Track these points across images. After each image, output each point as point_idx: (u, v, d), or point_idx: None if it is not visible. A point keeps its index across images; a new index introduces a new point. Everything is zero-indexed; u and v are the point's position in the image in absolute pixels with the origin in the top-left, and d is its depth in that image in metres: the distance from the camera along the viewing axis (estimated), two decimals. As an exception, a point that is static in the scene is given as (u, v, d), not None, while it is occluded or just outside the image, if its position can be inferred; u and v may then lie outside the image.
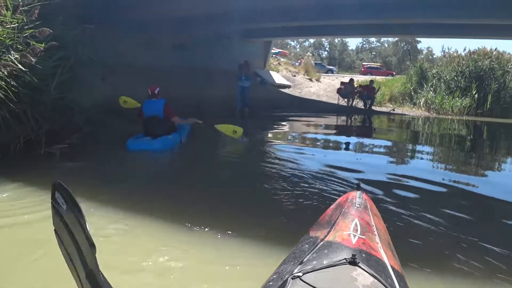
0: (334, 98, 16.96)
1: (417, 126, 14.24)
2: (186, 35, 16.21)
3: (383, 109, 17.40)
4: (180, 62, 15.81)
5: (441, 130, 13.46)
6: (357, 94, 16.10)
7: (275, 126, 11.24)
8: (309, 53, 42.05)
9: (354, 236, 1.70)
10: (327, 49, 65.07)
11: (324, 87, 19.87)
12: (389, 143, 10.22)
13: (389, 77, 26.45)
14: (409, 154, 8.88)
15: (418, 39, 57.83)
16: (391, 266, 1.61)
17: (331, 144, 9.40)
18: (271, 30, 17.27)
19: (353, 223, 1.82)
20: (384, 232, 2.02)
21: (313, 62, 24.62)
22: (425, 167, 7.17)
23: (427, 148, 9.91)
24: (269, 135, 9.86)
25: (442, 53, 22.88)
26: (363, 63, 47.01)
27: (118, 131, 7.21)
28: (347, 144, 9.23)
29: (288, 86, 18.82)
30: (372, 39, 65.41)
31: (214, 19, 14.26)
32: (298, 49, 56.79)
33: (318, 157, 7.06)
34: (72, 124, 6.74)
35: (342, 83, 16.93)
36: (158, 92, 6.79)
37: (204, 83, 14.87)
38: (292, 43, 60.60)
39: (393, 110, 16.73)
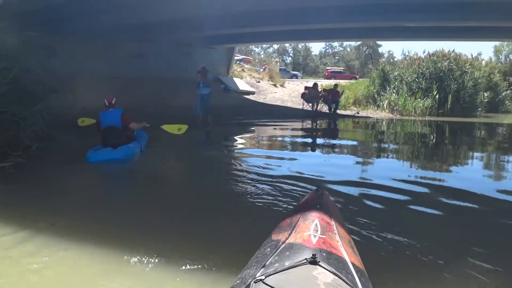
0: (299, 103, 16.87)
1: (381, 127, 14.33)
2: (146, 43, 15.80)
3: (348, 112, 17.43)
4: (140, 70, 15.39)
5: (404, 130, 13.60)
6: (322, 98, 16.03)
7: (240, 133, 11.01)
8: (276, 59, 42.04)
9: (315, 236, 1.73)
10: (291, 54, 65.74)
11: (289, 93, 19.77)
12: (353, 144, 10.39)
13: (353, 81, 26.71)
14: (373, 153, 8.97)
15: (379, 43, 59.27)
16: (352, 263, 1.65)
17: (296, 148, 9.41)
18: (234, 36, 17.01)
19: (313, 223, 1.85)
20: (344, 230, 2.07)
21: (278, 67, 24.40)
22: (388, 166, 7.29)
23: (391, 147, 10.03)
24: (234, 142, 9.64)
25: (403, 56, 23.30)
26: (327, 68, 47.45)
27: (71, 146, 6.93)
28: (313, 147, 9.42)
29: (252, 93, 18.61)
30: (335, 44, 66.68)
31: (175, 26, 13.91)
32: (262, 56, 56.92)
33: (283, 162, 7.04)
34: (19, 140, 6.30)
35: (306, 87, 16.85)
36: (115, 102, 6.81)
37: (165, 91, 14.51)
38: (256, 49, 60.92)
39: (358, 113, 16.78)
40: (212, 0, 10.47)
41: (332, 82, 22.33)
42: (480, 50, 76.28)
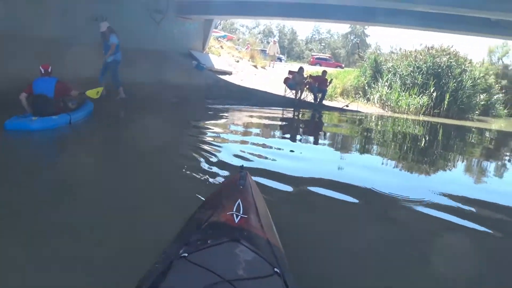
0: (280, 89, 14.75)
1: (369, 124, 12.35)
2: (109, 5, 13.36)
3: (334, 104, 15.40)
4: (96, 36, 13.00)
5: (395, 130, 11.63)
6: (307, 86, 13.96)
7: (203, 120, 8.92)
8: (274, 38, 39.39)
9: (237, 216, 1.81)
10: (276, 37, 63.40)
11: (270, 76, 17.60)
12: (336, 139, 8.92)
13: (338, 69, 24.81)
14: (352, 151, 7.91)
15: (367, 32, 58.16)
16: (271, 242, 1.73)
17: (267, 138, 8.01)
18: (214, 5, 14.72)
19: (236, 203, 1.91)
20: (265, 211, 2.15)
21: (278, 49, 23.10)
22: (363, 164, 6.33)
23: (375, 148, 8.49)
24: (191, 131, 7.76)
25: (391, 50, 21.55)
26: (312, 54, 45.73)
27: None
28: (288, 140, 8.08)
29: (229, 73, 16.36)
30: (322, 30, 64.97)
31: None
32: (247, 36, 54.61)
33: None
34: None
35: (290, 72, 14.70)
36: (51, 70, 6.65)
37: (126, 64, 12.24)
38: (241, 29, 58.65)
39: (347, 106, 14.69)
40: None
41: (317, 68, 20.25)
42: (470, 48, 75.19)
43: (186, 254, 1.46)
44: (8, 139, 5.54)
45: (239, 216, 1.78)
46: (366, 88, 17.81)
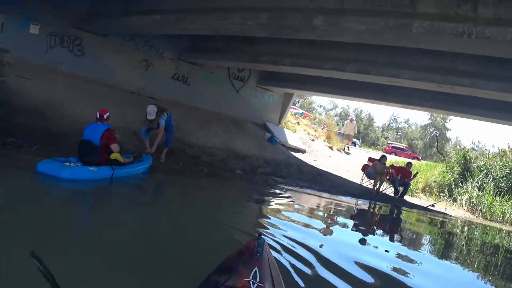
0: (357, 176, 13.37)
1: (457, 231, 10.34)
2: (188, 64, 13.26)
3: (415, 200, 13.63)
4: (178, 95, 12.83)
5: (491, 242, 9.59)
6: (388, 177, 12.49)
7: (265, 199, 7.79)
8: (352, 116, 38.28)
9: (253, 283, 1.82)
10: (354, 116, 62.47)
11: (346, 160, 16.34)
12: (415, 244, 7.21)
13: (414, 161, 23.03)
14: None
15: (448, 126, 55.57)
16: None
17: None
18: (296, 79, 14.04)
19: (253, 271, 1.91)
20: (280, 283, 2.14)
21: (355, 128, 20.58)
22: None
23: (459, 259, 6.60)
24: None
25: (472, 147, 19.46)
26: (388, 142, 44.03)
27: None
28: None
29: (303, 151, 15.37)
30: (400, 119, 63.32)
31: (233, 49, 11.25)
32: (323, 116, 54.37)
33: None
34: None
35: (370, 159, 13.38)
36: (108, 117, 6.24)
37: (199, 125, 11.76)
38: (318, 109, 58.74)
39: (432, 206, 12.82)
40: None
41: (392, 158, 18.56)
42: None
43: None
44: (33, 181, 5.18)
45: (256, 284, 1.79)
46: (453, 187, 15.86)
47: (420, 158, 33.42)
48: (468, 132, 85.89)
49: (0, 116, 7.30)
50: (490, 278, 5.70)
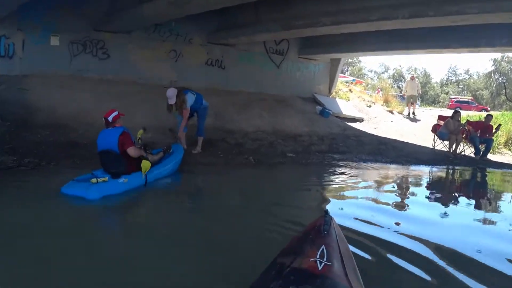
0: (426, 140, 11.72)
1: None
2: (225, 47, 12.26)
3: (501, 158, 11.70)
4: (213, 81, 11.91)
5: None
6: (464, 135, 10.75)
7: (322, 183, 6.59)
8: (413, 73, 35.29)
9: (321, 263, 1.75)
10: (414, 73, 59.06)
11: (411, 123, 14.60)
12: None
13: (483, 113, 20.63)
14: None
15: (517, 70, 50.96)
16: None
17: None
18: (342, 40, 12.49)
19: (320, 249, 1.85)
20: (351, 259, 2.05)
21: (419, 86, 17.84)
22: None
23: None
24: None
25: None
26: (450, 97, 40.94)
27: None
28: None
29: (360, 120, 13.85)
30: (459, 71, 59.26)
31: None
32: (375, 81, 51.64)
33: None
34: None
35: (440, 117, 11.64)
36: (114, 118, 5.26)
37: (239, 110, 10.76)
38: (369, 74, 56.15)
39: (525, 161, 10.95)
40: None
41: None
42: None
43: None
44: (61, 205, 4.42)
45: (323, 263, 1.72)
46: (541, 136, 13.71)
47: (488, 109, 30.82)
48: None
49: (21, 136, 6.83)
50: None
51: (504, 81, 49.70)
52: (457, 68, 59.85)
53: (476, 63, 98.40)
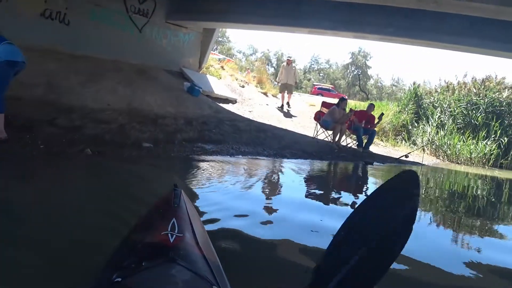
0: (304, 126, 10.54)
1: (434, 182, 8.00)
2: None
3: (376, 149, 11.13)
4: (53, 40, 9.09)
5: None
6: (347, 125, 9.77)
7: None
8: (289, 57, 34.68)
9: (172, 235, 1.67)
10: (274, 65, 60.02)
11: (287, 108, 13.41)
12: None
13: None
14: None
15: (369, 64, 55.64)
16: (209, 260, 1.62)
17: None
18: (216, 9, 10.64)
19: (171, 222, 1.75)
20: (202, 229, 2.00)
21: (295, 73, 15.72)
22: None
23: None
24: None
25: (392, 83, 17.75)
26: (314, 83, 42.58)
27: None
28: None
29: (233, 101, 12.18)
30: (321, 60, 62.62)
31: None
32: (243, 62, 51.18)
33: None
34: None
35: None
36: None
37: (86, 80, 8.21)
38: (238, 55, 55.75)
39: (406, 156, 10.37)
40: None
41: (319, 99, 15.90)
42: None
43: (119, 279, 1.32)
44: None
45: (174, 235, 1.63)
46: (410, 128, 13.74)
47: (346, 97, 32.05)
48: (388, 70, 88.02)
49: None
50: None
51: (359, 73, 54.31)
52: (320, 57, 62.82)
53: (337, 54, 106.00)
